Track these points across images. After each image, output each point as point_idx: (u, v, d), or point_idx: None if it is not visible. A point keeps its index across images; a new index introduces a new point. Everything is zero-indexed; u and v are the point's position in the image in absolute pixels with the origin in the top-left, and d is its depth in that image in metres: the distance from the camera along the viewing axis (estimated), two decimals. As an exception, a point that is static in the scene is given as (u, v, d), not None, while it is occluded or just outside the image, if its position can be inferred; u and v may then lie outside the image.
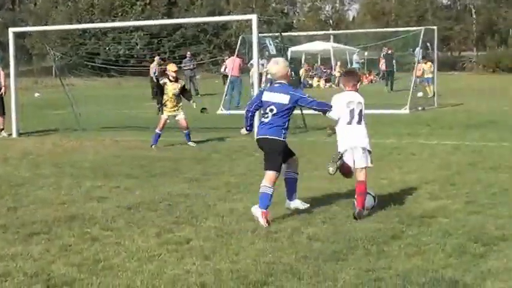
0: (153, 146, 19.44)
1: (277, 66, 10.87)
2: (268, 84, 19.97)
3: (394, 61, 48.87)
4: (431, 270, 7.73)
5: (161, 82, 19.74)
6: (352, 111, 10.78)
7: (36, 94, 45.94)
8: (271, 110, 10.64)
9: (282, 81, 10.85)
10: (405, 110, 28.51)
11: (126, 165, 16.23)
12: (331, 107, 10.93)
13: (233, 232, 9.70)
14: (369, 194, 10.85)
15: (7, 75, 24.33)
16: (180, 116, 19.72)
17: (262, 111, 10.92)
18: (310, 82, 54.22)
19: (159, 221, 10.52)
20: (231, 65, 35.81)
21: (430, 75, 38.75)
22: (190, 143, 19.56)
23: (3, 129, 23.53)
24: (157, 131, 19.59)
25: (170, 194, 12.57)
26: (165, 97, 19.50)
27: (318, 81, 55.92)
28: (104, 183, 13.80)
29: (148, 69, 45.53)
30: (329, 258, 8.28)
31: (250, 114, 11.21)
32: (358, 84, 11.48)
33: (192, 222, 10.36)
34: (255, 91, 22.20)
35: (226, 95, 33.45)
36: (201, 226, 10.12)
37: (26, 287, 7.55)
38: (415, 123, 23.89)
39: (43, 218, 10.71)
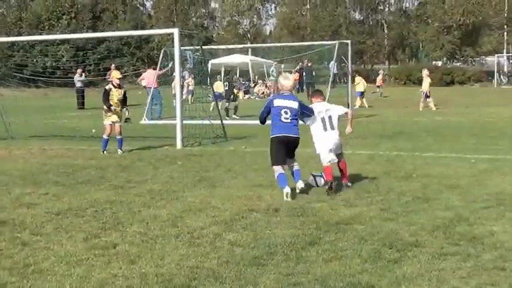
0: (104, 152, 19.36)
1: (289, 81, 13.58)
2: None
3: (313, 73, 49.48)
4: (348, 275, 7.77)
5: (107, 88, 19.60)
6: (323, 119, 13.46)
7: (-35, 104, 45.11)
8: (286, 112, 12.92)
9: (290, 92, 13.43)
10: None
11: (54, 172, 16.06)
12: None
13: (157, 237, 9.66)
14: (322, 175, 13.36)
15: None
16: (117, 124, 19.64)
17: (275, 114, 13.01)
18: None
19: (86, 226, 10.44)
20: (148, 77, 35.65)
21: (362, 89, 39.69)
22: (119, 151, 19.42)
23: None
24: (104, 137, 19.48)
25: (96, 200, 12.47)
26: (110, 102, 19.36)
27: (237, 93, 55.93)
28: (33, 190, 13.63)
29: (73, 81, 45.27)
30: (250, 263, 8.29)
31: (263, 118, 13.53)
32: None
33: (118, 228, 10.30)
34: (178, 101, 22.21)
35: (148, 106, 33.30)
36: (127, 231, 10.07)
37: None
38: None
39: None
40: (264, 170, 15.57)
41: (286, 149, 13.08)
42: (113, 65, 47.36)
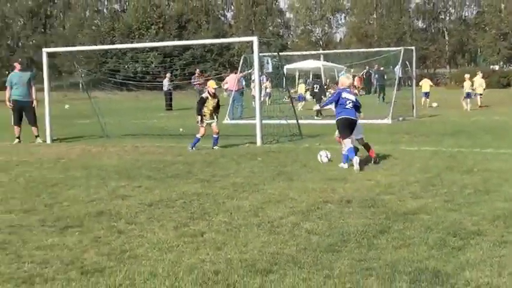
0: (193, 148, 19.49)
1: (349, 80, 16.87)
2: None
3: (385, 76, 49.38)
4: (416, 261, 7.68)
5: (203, 96, 19.79)
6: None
7: (66, 106, 45.85)
8: (350, 103, 15.85)
9: (349, 88, 16.49)
10: (387, 120, 28.47)
11: (146, 168, 16.21)
12: None
13: (241, 226, 9.68)
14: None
15: (39, 90, 24.32)
16: (214, 123, 19.84)
17: (341, 103, 15.89)
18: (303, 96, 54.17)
19: (176, 216, 10.50)
20: (230, 81, 35.72)
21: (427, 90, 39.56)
22: (215, 147, 19.64)
23: (38, 136, 23.55)
24: (198, 136, 19.60)
25: (185, 193, 12.54)
26: (205, 109, 19.51)
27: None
28: (127, 183, 13.78)
29: (162, 84, 45.71)
30: (326, 250, 8.24)
31: (328, 104, 17.12)
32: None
33: (204, 218, 10.34)
34: (257, 103, 22.27)
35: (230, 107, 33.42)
36: (213, 221, 10.10)
37: (63, 273, 7.53)
38: (396, 132, 23.82)
39: (75, 214, 10.71)
40: (336, 165, 15.52)
41: (349, 127, 15.84)
42: (197, 70, 47.80)
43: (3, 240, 9.11)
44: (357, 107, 16.04)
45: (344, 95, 16.00)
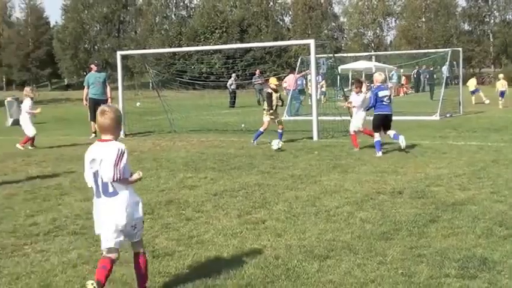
0: (254, 142, 19.50)
1: (382, 76, 17.65)
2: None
3: (434, 75, 48.98)
4: (464, 249, 7.58)
5: (269, 91, 19.83)
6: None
7: (137, 104, 46.16)
8: (387, 99, 16.65)
9: (383, 84, 17.59)
10: (435, 117, 28.10)
11: (211, 160, 16.26)
12: None
13: (299, 215, 9.66)
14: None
15: (113, 89, 24.58)
16: (279, 118, 19.96)
17: (379, 100, 16.57)
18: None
19: (239, 205, 10.52)
20: (289, 81, 35.65)
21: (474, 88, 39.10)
22: (276, 144, 19.56)
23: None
24: (261, 129, 19.60)
25: (247, 183, 12.55)
26: (274, 103, 19.54)
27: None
28: (194, 174, 13.85)
29: (225, 84, 45.88)
30: (379, 237, 8.18)
31: (371, 107, 16.99)
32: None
33: (266, 207, 10.34)
34: (313, 101, 22.25)
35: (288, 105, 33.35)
36: (273, 210, 10.09)
37: (136, 257, 7.60)
38: (444, 128, 23.47)
39: (147, 202, 10.77)
40: (388, 159, 15.41)
41: (385, 121, 16.70)
42: (258, 70, 47.83)
43: (82, 226, 9.24)
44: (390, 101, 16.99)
45: (381, 93, 16.67)
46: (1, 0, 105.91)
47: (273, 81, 20.07)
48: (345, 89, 29.35)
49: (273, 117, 19.59)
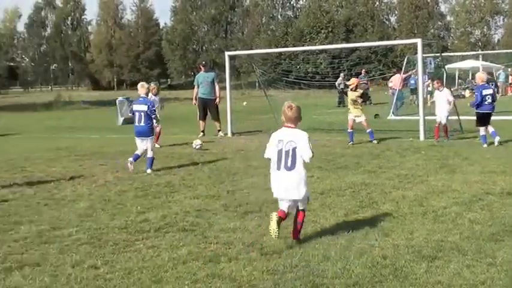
0: (374, 141, 19.62)
1: (485, 74, 18.85)
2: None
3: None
4: None
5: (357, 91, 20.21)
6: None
7: (244, 103, 46.66)
8: (489, 98, 17.62)
9: (485, 83, 18.59)
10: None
11: (317, 159, 16.08)
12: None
13: (406, 214, 9.53)
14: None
15: (221, 89, 24.86)
16: (360, 119, 19.82)
17: (483, 99, 17.60)
18: (463, 93, 52.73)
19: (346, 204, 10.47)
20: (395, 80, 35.29)
21: None
22: (374, 141, 19.60)
23: (220, 130, 24.06)
24: (348, 130, 19.83)
25: (353, 182, 12.48)
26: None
27: (470, 93, 54.36)
28: (300, 173, 13.83)
29: (332, 84, 45.77)
30: (488, 239, 7.98)
31: (477, 102, 17.79)
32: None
33: (372, 206, 10.25)
34: (420, 100, 22.01)
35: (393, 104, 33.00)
36: (380, 209, 10.00)
37: (245, 254, 7.67)
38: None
39: (255, 200, 10.87)
40: (497, 159, 15.02)
41: (486, 119, 17.77)
42: (363, 70, 47.46)
43: (191, 223, 9.37)
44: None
45: (484, 92, 17.74)
46: (113, 3, 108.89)
47: (352, 81, 20.65)
48: (452, 89, 28.80)
49: (355, 114, 19.90)
